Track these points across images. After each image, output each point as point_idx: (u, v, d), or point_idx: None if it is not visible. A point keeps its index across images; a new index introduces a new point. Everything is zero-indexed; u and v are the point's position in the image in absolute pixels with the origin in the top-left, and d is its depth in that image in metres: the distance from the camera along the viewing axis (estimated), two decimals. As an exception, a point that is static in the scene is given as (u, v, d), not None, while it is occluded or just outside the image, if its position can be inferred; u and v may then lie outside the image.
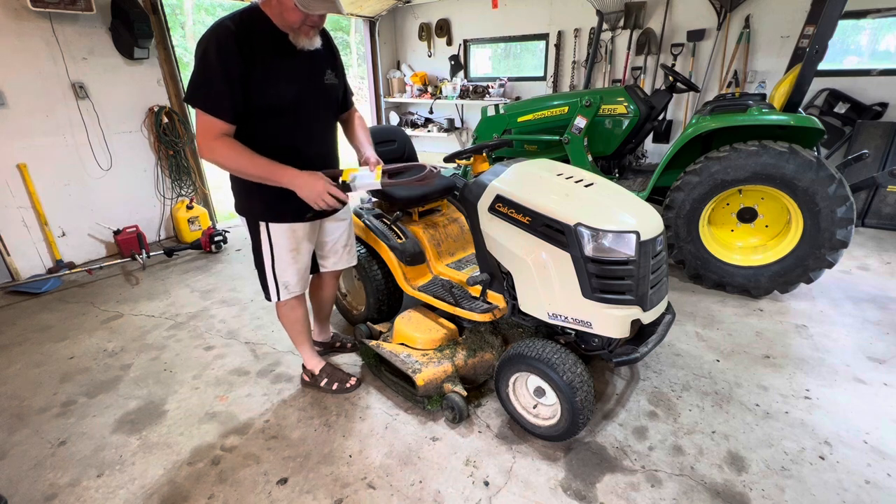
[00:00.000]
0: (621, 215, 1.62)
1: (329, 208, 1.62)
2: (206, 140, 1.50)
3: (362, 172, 1.69)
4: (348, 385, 2.13)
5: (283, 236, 1.78)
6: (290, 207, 1.71)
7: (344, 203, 1.68)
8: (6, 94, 3.22)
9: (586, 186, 1.76)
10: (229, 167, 1.55)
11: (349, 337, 2.51)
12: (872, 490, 1.60)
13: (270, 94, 1.55)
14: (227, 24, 1.46)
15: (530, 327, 2.04)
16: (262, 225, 1.75)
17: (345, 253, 2.08)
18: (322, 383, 2.15)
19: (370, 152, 1.81)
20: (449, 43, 6.54)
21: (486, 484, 1.66)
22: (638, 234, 1.58)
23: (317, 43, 1.59)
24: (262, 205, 1.73)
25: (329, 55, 1.73)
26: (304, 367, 2.20)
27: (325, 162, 1.77)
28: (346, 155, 1.94)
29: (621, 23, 5.14)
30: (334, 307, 2.82)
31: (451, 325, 2.17)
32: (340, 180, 1.69)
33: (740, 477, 1.66)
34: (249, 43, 1.47)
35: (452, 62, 6.50)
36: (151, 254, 3.79)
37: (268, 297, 1.90)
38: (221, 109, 1.48)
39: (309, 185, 1.55)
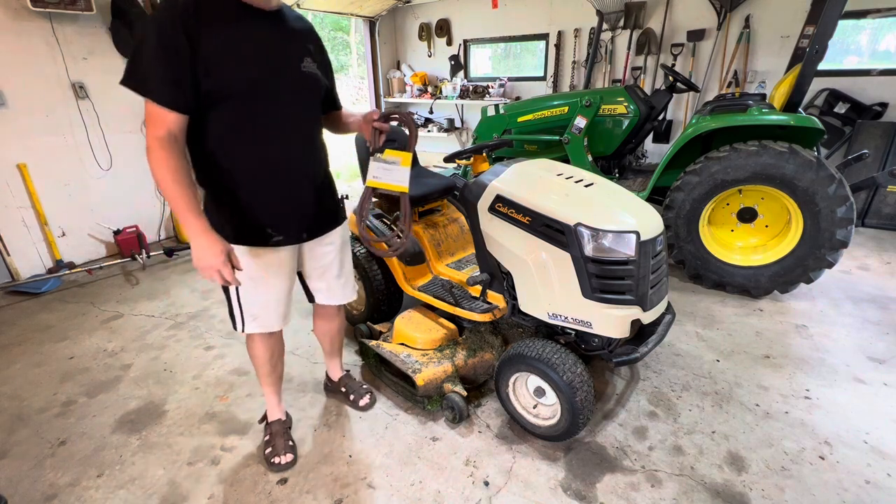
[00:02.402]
0: (621, 215, 1.62)
1: (218, 282, 1.34)
2: (151, 137, 1.24)
3: (388, 162, 1.56)
4: (274, 460, 1.74)
5: (244, 262, 1.44)
6: (250, 229, 1.45)
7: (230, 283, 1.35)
8: (6, 94, 3.22)
9: (586, 186, 1.76)
10: (157, 181, 1.28)
11: (365, 386, 2.10)
12: (872, 490, 1.60)
13: (226, 75, 1.28)
14: (175, 1, 1.24)
15: (530, 327, 2.04)
16: None
17: (337, 286, 1.75)
18: (265, 436, 1.85)
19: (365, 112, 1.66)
20: (449, 43, 6.55)
21: (486, 484, 1.66)
22: (638, 234, 1.58)
23: (274, 2, 1.36)
24: (219, 221, 1.42)
25: (309, 41, 1.49)
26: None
27: (305, 170, 1.51)
28: (339, 166, 1.86)
29: (621, 23, 5.14)
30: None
31: (451, 325, 2.17)
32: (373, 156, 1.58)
33: (740, 477, 1.66)
34: (197, 15, 1.23)
35: (452, 62, 6.50)
36: (151, 254, 3.79)
37: (234, 327, 1.59)
38: (166, 96, 1.22)
39: (202, 252, 1.29)
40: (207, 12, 1.25)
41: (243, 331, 1.59)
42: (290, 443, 1.82)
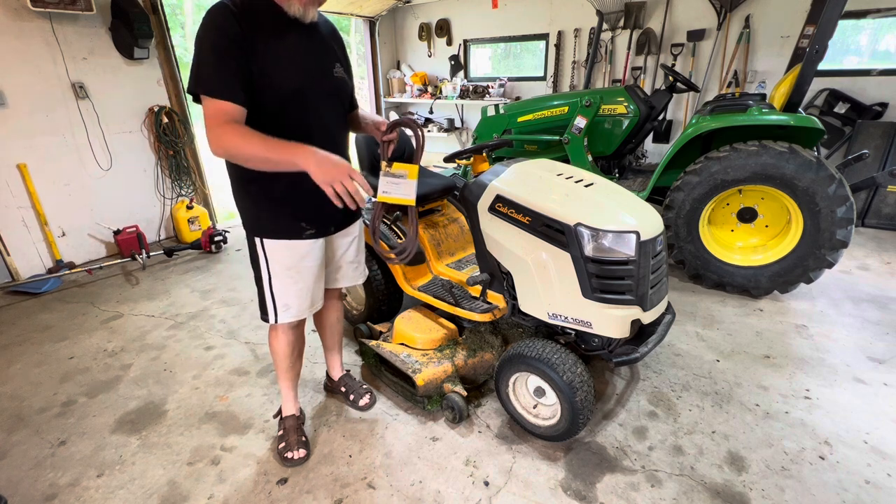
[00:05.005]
0: (621, 215, 1.62)
1: (342, 199, 1.32)
2: (213, 127, 1.29)
3: (394, 176, 1.58)
4: (288, 455, 1.77)
5: (280, 254, 1.58)
6: (285, 223, 1.55)
7: (360, 207, 1.40)
8: (6, 94, 3.22)
9: (586, 186, 1.76)
10: (241, 153, 1.32)
11: (365, 386, 2.11)
12: (872, 490, 1.60)
13: (276, 78, 1.37)
14: (225, 3, 1.32)
15: (530, 327, 2.04)
16: (258, 240, 1.58)
17: (349, 269, 1.83)
18: (278, 431, 1.88)
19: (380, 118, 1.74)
20: (449, 43, 6.54)
21: (486, 484, 1.66)
22: (638, 234, 1.58)
23: (311, 15, 1.43)
24: (255, 219, 1.57)
25: (337, 46, 1.59)
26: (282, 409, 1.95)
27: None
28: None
29: (621, 23, 5.14)
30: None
31: (451, 325, 2.17)
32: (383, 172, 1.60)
33: (740, 477, 1.66)
34: (250, 22, 1.32)
35: (452, 62, 6.50)
36: (151, 254, 3.79)
37: (264, 318, 1.66)
38: (228, 90, 1.29)
39: (326, 161, 1.29)
40: (254, 21, 1.34)
41: (276, 321, 1.64)
42: (304, 438, 1.85)
